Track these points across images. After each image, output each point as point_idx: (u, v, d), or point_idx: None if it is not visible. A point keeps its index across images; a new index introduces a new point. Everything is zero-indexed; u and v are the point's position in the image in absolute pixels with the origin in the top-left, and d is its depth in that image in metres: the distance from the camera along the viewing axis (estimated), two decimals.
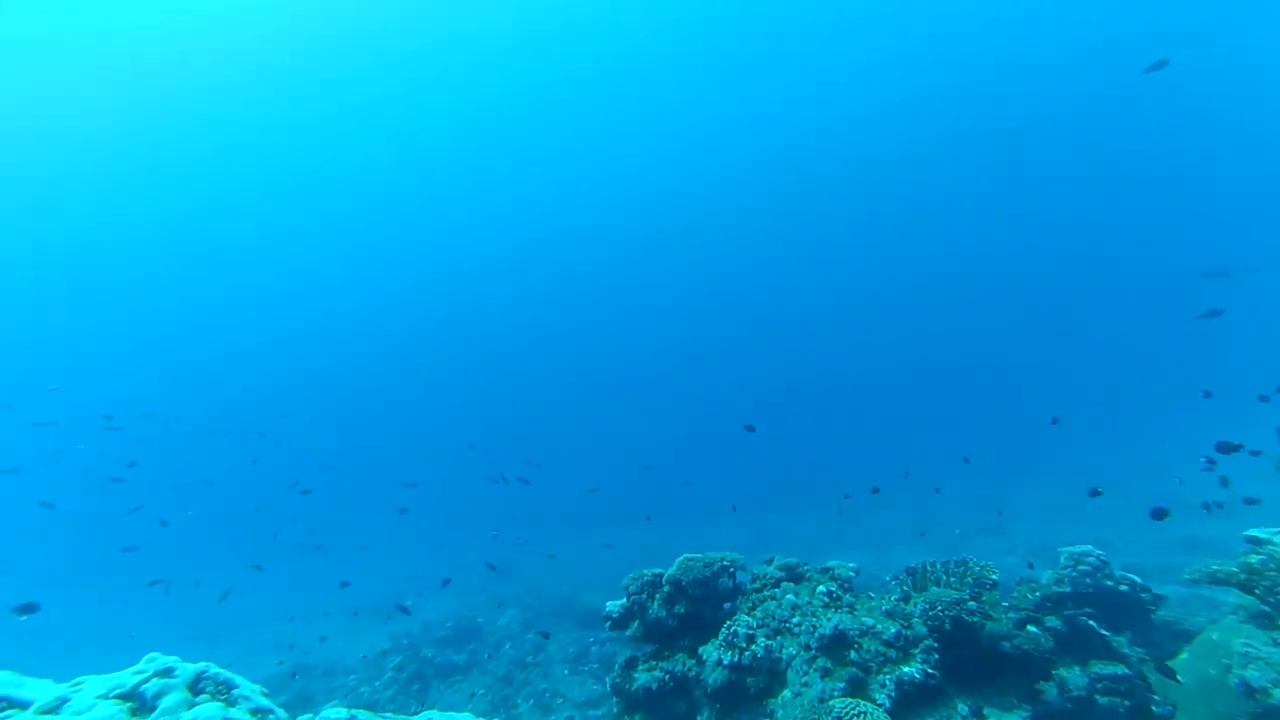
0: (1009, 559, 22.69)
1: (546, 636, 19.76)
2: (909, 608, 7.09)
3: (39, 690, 5.90)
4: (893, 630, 6.65)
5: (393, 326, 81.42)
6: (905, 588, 8.02)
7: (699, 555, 8.58)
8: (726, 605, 8.33)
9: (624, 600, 9.41)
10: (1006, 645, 6.50)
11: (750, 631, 7.10)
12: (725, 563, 8.45)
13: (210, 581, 28.62)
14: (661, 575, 8.90)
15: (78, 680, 6.02)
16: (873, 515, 34.84)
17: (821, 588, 7.40)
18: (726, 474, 50.63)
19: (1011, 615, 6.93)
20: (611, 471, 58.86)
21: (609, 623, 9.70)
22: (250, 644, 25.25)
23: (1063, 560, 9.40)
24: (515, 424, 77.80)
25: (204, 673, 5.63)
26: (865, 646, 6.57)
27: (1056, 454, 43.06)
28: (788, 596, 7.43)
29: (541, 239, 78.31)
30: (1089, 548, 9.39)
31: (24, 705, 5.74)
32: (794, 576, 8.14)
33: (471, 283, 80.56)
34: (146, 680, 5.48)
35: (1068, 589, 9.05)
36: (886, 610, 7.09)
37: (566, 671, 18.19)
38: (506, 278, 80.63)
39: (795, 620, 6.99)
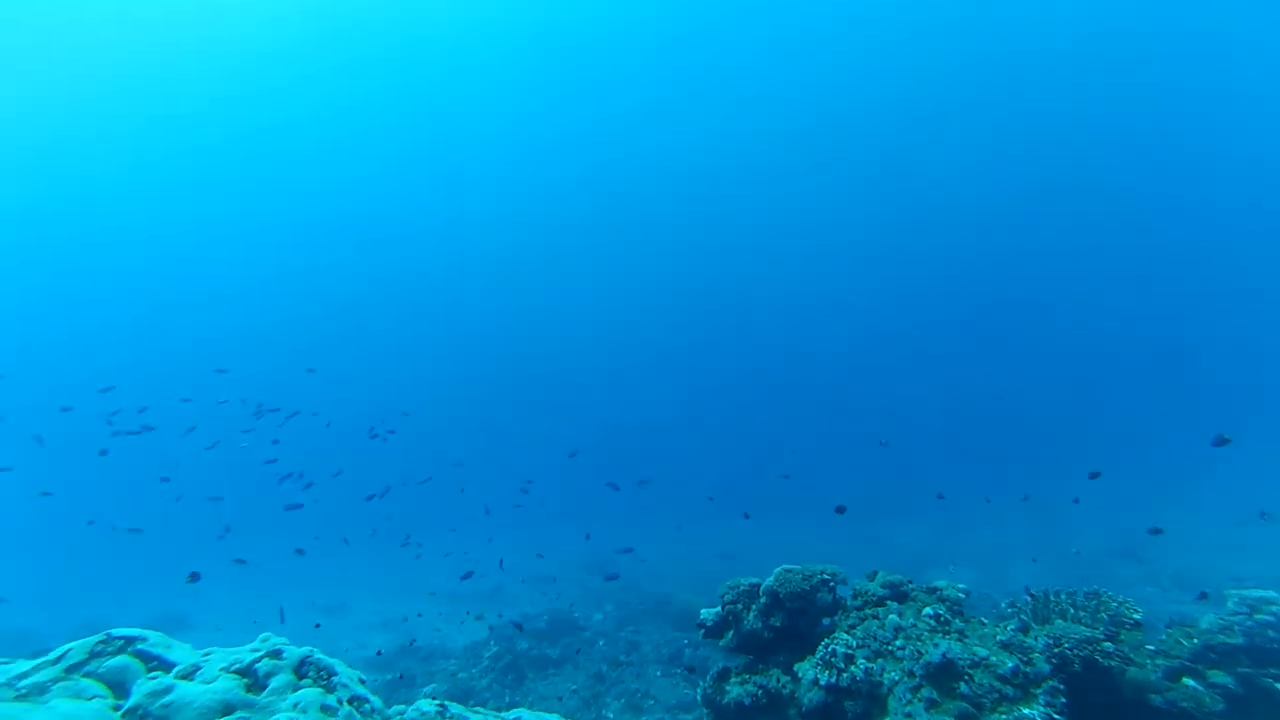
0: (1147, 590, 20.62)
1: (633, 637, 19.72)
2: (1029, 640, 6.43)
3: (182, 654, 6.36)
4: (1010, 665, 6.04)
5: (520, 333, 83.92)
6: (1024, 617, 7.32)
7: (797, 567, 8.20)
8: (825, 621, 7.91)
9: (719, 609, 9.17)
10: (1157, 699, 5.72)
11: (850, 651, 6.68)
12: (825, 576, 8.03)
13: (334, 556, 30.34)
14: (758, 585, 8.59)
15: (208, 650, 6.46)
16: (985, 530, 32.71)
17: (928, 610, 6.86)
18: (837, 476, 48.98)
19: (1160, 663, 6.12)
20: (719, 469, 58.49)
21: (703, 630, 9.50)
22: (364, 622, 26.69)
23: (1231, 604, 7.95)
24: (624, 423, 78.28)
25: (308, 657, 5.88)
26: (977, 679, 6.00)
27: (1205, 475, 38.88)
28: (891, 617, 6.93)
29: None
30: (1271, 593, 7.80)
31: (169, 666, 6.19)
32: (898, 595, 7.61)
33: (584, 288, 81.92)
34: (259, 659, 5.76)
35: (1239, 640, 7.63)
36: (1002, 641, 6.46)
37: (659, 673, 18.09)
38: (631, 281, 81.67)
39: (899, 643, 6.49)
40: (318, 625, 21.96)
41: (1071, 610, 6.85)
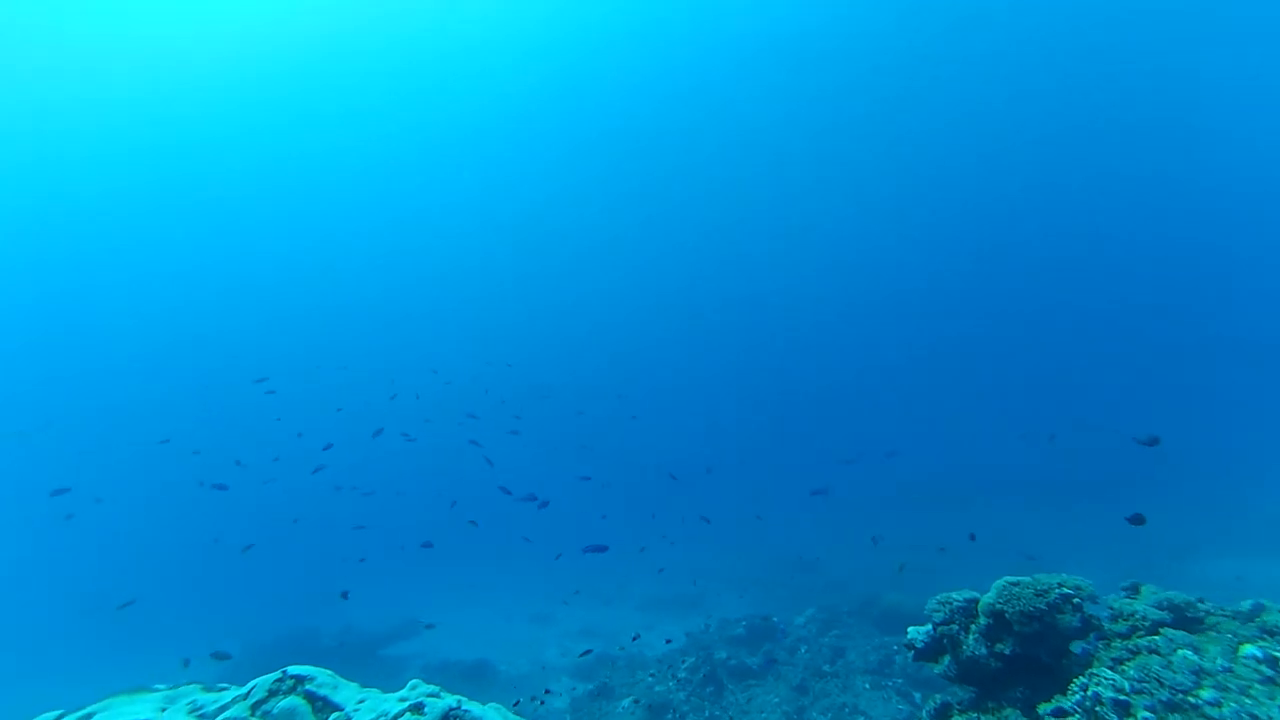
0: None
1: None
2: None
3: (347, 694, 6.24)
4: None
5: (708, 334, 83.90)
6: None
7: (1026, 579, 6.47)
8: (1076, 649, 6.13)
9: (929, 628, 7.66)
10: None
11: (1122, 698, 4.96)
12: (1066, 591, 6.24)
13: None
14: (975, 601, 6.98)
15: (363, 696, 6.25)
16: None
17: (1249, 649, 4.87)
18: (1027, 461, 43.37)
19: None
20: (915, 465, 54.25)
21: (912, 651, 8.05)
22: (568, 630, 27.34)
23: None
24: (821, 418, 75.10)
25: (454, 709, 5.40)
26: None
27: None
28: (1182, 654, 5.04)
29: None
30: None
31: (334, 708, 6.07)
32: (1185, 620, 5.64)
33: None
34: (402, 714, 5.38)
35: None
36: None
37: (868, 685, 16.37)
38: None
39: (1207, 695, 4.63)
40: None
41: None
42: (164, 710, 6.22)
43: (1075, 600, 6.23)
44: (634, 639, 22.52)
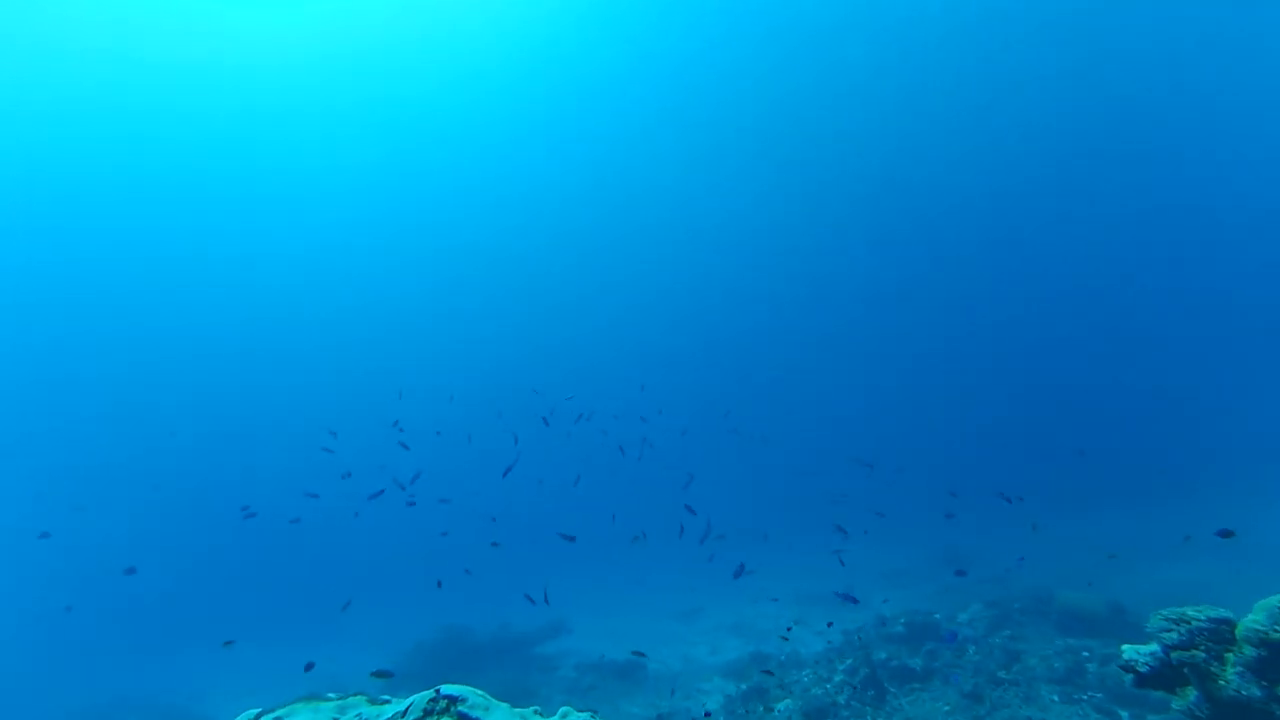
0: None
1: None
2: None
3: (498, 718, 6.12)
4: None
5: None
6: None
7: None
8: None
9: (1155, 649, 6.48)
10: None
11: None
12: None
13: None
14: (1226, 623, 5.74)
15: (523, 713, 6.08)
16: None
17: None
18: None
19: None
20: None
21: (1131, 675, 6.87)
22: (717, 624, 26.89)
23: None
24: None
25: None
26: None
27: None
28: None
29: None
30: None
31: None
32: None
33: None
34: None
35: None
36: None
37: (1056, 697, 14.64)
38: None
39: None
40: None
41: None
42: None
43: None
44: (788, 630, 21.73)
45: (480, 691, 6.14)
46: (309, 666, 9.55)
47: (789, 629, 21.78)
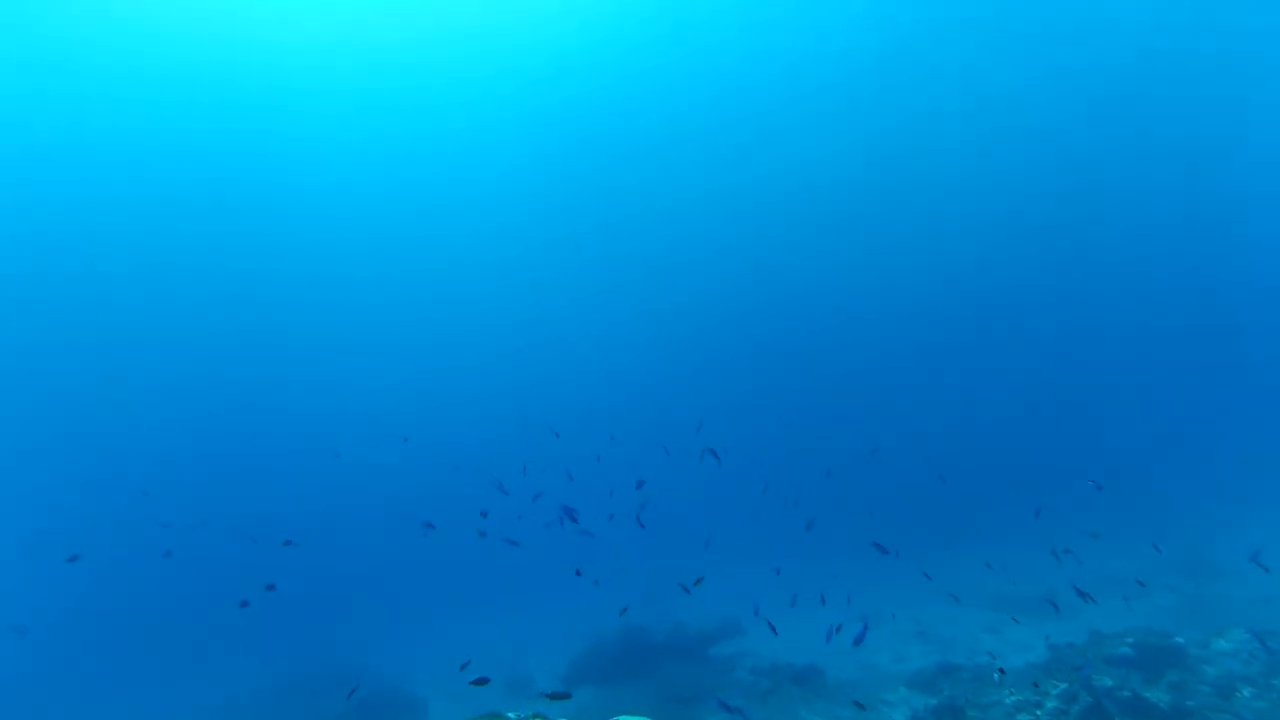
0: None
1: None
2: None
3: None
4: None
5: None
6: None
7: None
8: None
9: None
10: None
11: None
12: None
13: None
14: None
15: None
16: None
17: None
18: None
19: None
20: None
21: None
22: (901, 630, 24.74)
23: None
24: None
25: None
26: None
27: None
28: None
29: None
30: None
31: None
32: None
33: None
34: None
35: None
36: None
37: None
38: None
39: None
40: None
41: None
42: None
43: None
44: (999, 670, 19.35)
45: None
46: (483, 681, 9.64)
47: (1000, 669, 19.39)
